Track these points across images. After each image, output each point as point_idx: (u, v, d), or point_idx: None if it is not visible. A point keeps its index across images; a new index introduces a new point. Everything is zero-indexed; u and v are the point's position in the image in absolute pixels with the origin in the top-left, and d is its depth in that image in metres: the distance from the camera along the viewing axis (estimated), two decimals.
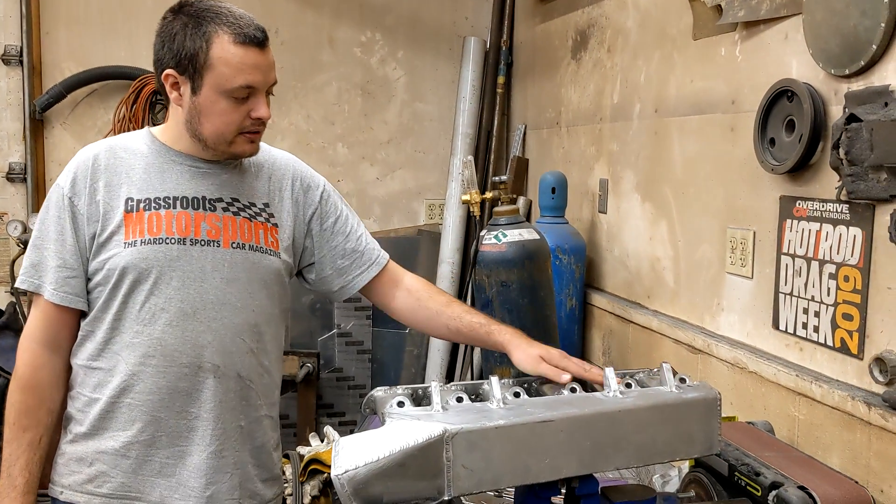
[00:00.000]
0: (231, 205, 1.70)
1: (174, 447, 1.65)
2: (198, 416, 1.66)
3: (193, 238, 1.65)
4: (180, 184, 1.67)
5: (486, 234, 2.87)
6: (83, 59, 3.97)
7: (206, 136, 1.64)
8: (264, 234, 1.72)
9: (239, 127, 1.63)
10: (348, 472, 1.31)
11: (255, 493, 1.74)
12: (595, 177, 3.35)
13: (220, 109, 1.61)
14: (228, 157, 1.69)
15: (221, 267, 1.66)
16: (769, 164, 2.15)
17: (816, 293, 2.02)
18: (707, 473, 1.81)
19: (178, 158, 1.69)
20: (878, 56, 1.81)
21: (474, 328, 1.79)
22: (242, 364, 1.69)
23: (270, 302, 1.74)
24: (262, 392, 1.74)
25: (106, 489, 1.65)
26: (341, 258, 1.84)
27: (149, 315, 1.63)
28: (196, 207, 1.67)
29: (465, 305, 1.89)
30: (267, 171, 1.80)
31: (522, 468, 1.42)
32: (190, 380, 1.64)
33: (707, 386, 1.62)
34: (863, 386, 1.88)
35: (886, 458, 1.78)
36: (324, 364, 4.29)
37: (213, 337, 1.65)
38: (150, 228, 1.63)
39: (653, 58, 2.86)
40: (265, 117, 1.65)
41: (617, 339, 3.11)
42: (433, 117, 4.49)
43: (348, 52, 4.35)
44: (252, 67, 1.60)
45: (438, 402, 1.44)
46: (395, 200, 4.51)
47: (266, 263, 1.72)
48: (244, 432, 1.71)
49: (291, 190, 1.81)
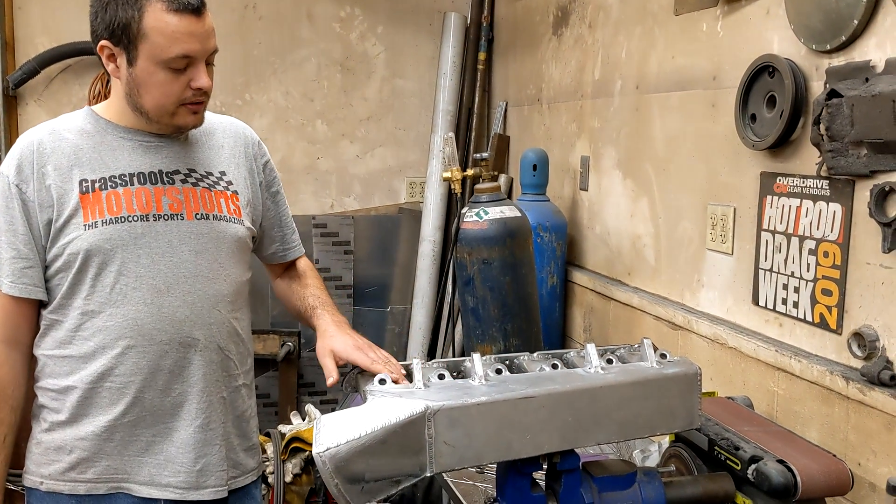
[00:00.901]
0: (189, 176, 1.68)
1: (160, 425, 1.64)
2: (182, 392, 1.65)
3: (156, 213, 1.62)
4: (134, 160, 1.63)
5: (468, 211, 2.86)
6: (57, 34, 3.90)
7: (147, 109, 1.59)
8: (226, 203, 1.71)
9: (179, 98, 1.58)
10: (330, 449, 1.31)
11: (239, 462, 1.75)
12: (576, 154, 3.35)
13: (158, 81, 1.55)
14: (173, 129, 1.65)
15: (188, 239, 1.64)
16: (750, 141, 2.15)
17: (796, 269, 2.03)
18: (687, 448, 1.82)
19: (127, 134, 1.64)
20: (860, 31, 1.81)
21: (306, 308, 1.85)
22: (221, 335, 1.68)
23: (240, 270, 1.74)
24: (239, 361, 1.75)
25: (91, 474, 1.62)
26: (278, 227, 1.89)
27: (120, 296, 1.59)
28: (154, 182, 1.63)
29: (319, 290, 1.90)
30: (218, 140, 1.77)
31: (504, 444, 1.43)
32: (172, 357, 1.63)
33: (687, 361, 1.63)
34: (841, 361, 1.90)
35: (864, 432, 1.80)
36: (305, 343, 4.27)
37: (191, 311, 1.63)
38: (110, 208, 1.59)
39: (634, 33, 2.84)
40: (206, 87, 1.59)
41: (598, 316, 3.12)
42: (413, 94, 4.45)
43: (327, 27, 4.30)
44: (188, 36, 1.53)
45: (420, 379, 1.44)
46: (376, 178, 4.48)
47: (232, 232, 1.70)
48: (226, 403, 1.71)
49: (245, 156, 1.79)
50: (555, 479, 1.57)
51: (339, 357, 1.63)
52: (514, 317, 2.83)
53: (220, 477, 1.69)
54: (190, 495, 1.66)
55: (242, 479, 1.76)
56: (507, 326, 2.82)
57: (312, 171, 4.37)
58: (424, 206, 4.27)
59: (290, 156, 4.31)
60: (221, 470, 1.69)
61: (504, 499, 1.54)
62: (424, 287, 4.22)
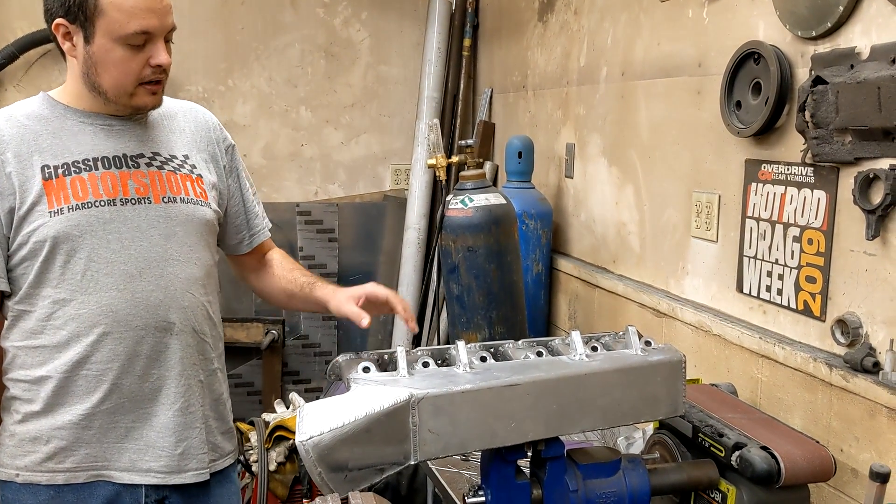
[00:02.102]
0: (153, 159, 1.65)
1: (139, 410, 1.62)
2: (160, 377, 1.63)
3: (123, 198, 1.59)
4: (97, 144, 1.60)
5: (453, 198, 2.85)
6: (36, 18, 3.83)
7: (105, 89, 1.56)
8: (192, 186, 1.69)
9: (138, 76, 1.55)
10: (313, 438, 1.30)
11: (217, 445, 1.74)
12: (562, 141, 3.34)
13: (116, 58, 1.52)
14: (131, 110, 1.62)
15: (157, 223, 1.62)
16: (735, 128, 2.14)
17: (780, 256, 2.03)
18: (671, 435, 1.82)
19: (87, 119, 1.61)
20: (845, 18, 1.80)
21: (303, 287, 1.84)
22: (196, 318, 1.67)
23: (209, 252, 1.72)
24: (213, 344, 1.73)
25: (69, 463, 1.60)
26: (241, 215, 1.85)
27: (92, 282, 1.56)
28: (119, 166, 1.60)
29: (305, 271, 1.92)
30: (179, 123, 1.75)
31: (489, 432, 1.42)
32: (149, 341, 1.61)
33: (672, 348, 1.63)
34: (825, 348, 1.91)
35: (846, 419, 1.81)
36: (289, 331, 4.26)
37: (164, 295, 1.61)
38: (76, 193, 1.56)
39: (620, 20, 2.83)
40: (165, 64, 1.56)
41: (583, 304, 3.12)
42: (398, 80, 4.43)
43: (311, 12, 4.26)
44: (146, 11, 1.51)
45: (404, 367, 1.43)
46: (361, 165, 4.46)
47: (199, 215, 1.68)
48: (204, 386, 1.70)
49: (207, 140, 1.77)
50: (539, 467, 1.57)
51: (358, 296, 1.71)
52: (500, 304, 2.82)
53: (201, 460, 1.68)
54: (172, 479, 1.65)
55: (221, 462, 1.75)
56: (493, 314, 2.82)
57: (297, 157, 4.34)
58: (409, 194, 4.25)
59: (273, 142, 4.28)
60: (202, 453, 1.68)
61: (489, 486, 1.53)
62: (409, 275, 4.21)
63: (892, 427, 1.69)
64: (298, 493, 3.34)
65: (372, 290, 1.74)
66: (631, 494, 1.61)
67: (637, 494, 1.62)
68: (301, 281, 1.85)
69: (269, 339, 4.06)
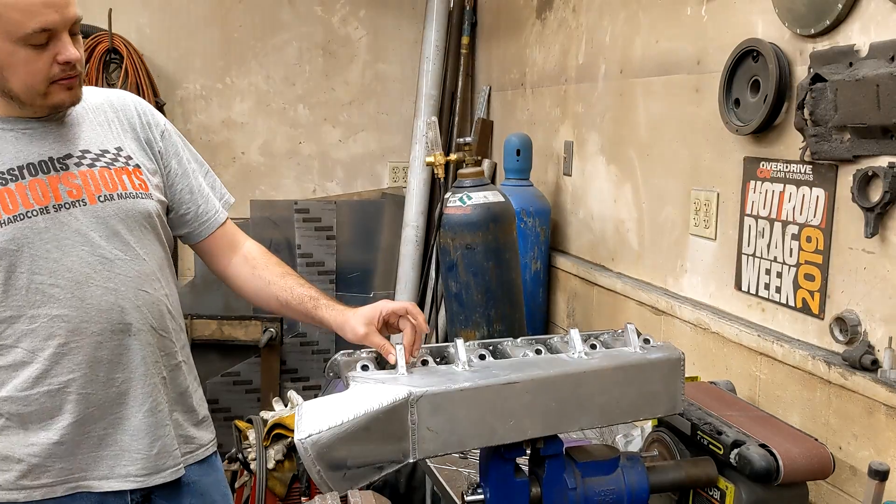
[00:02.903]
0: (83, 158, 1.58)
1: (109, 416, 1.58)
2: (126, 380, 1.58)
3: (56, 203, 1.52)
4: (20, 151, 1.52)
5: (451, 196, 2.85)
6: None
7: (16, 93, 1.47)
8: (129, 179, 1.61)
9: (47, 76, 1.46)
10: (311, 436, 1.30)
11: (191, 437, 1.71)
12: (560, 139, 3.34)
13: (20, 60, 1.43)
14: (49, 110, 1.53)
15: (96, 224, 1.55)
16: (734, 125, 2.14)
17: (779, 254, 2.03)
18: (670, 433, 1.82)
19: (6, 125, 1.52)
20: (844, 15, 1.80)
21: (303, 301, 1.72)
22: (152, 315, 1.61)
23: (157, 245, 1.66)
24: (175, 337, 1.69)
25: (45, 479, 1.55)
26: (186, 204, 1.76)
27: (38, 295, 1.50)
28: (46, 171, 1.52)
29: (301, 279, 1.80)
30: (107, 114, 1.66)
31: (487, 430, 1.42)
32: (107, 346, 1.55)
33: (671, 346, 1.63)
34: (823, 345, 1.91)
35: (845, 416, 1.81)
36: (287, 329, 4.25)
37: (116, 297, 1.55)
38: (5, 207, 1.48)
39: (618, 17, 2.83)
40: (74, 59, 1.47)
41: (581, 302, 3.12)
42: (396, 78, 4.42)
43: (309, 10, 4.26)
44: (43, 7, 1.41)
45: (403, 365, 1.43)
46: (359, 163, 4.45)
47: (140, 208, 1.61)
48: (167, 382, 1.66)
49: (138, 128, 1.69)
50: (538, 465, 1.57)
51: (377, 319, 1.57)
52: (498, 302, 2.82)
53: (175, 456, 1.65)
54: (151, 481, 1.62)
55: (201, 451, 1.73)
56: (491, 312, 2.81)
57: (295, 155, 4.34)
58: (407, 191, 4.25)
59: (271, 140, 4.28)
60: (175, 449, 1.65)
61: (487, 484, 1.53)
62: (408, 272, 4.21)
63: (891, 424, 1.69)
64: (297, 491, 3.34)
65: (388, 310, 1.58)
66: (629, 492, 1.61)
67: (635, 492, 1.62)
68: (299, 293, 1.73)
69: (267, 337, 4.06)
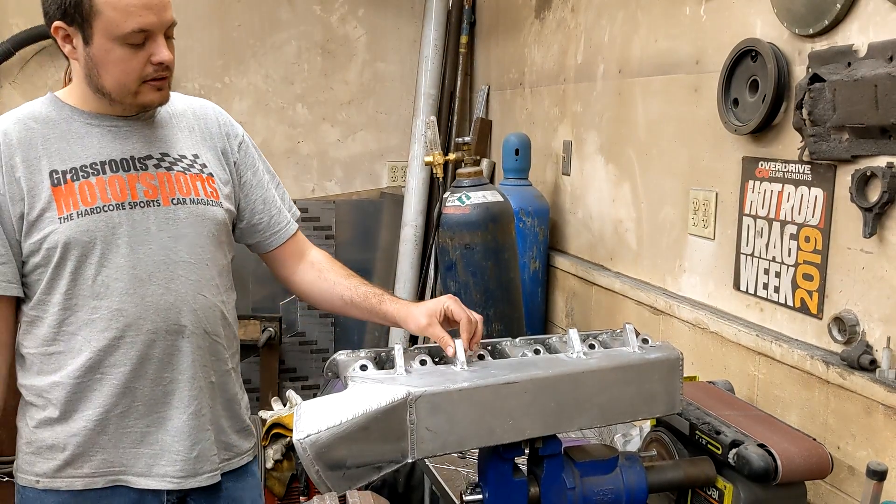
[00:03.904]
0: (162, 160, 1.63)
1: (152, 415, 1.61)
2: (173, 381, 1.62)
3: (132, 201, 1.57)
4: (104, 147, 1.58)
5: (450, 196, 2.85)
6: (32, 15, 3.82)
7: (108, 90, 1.53)
8: (202, 186, 1.66)
9: (140, 75, 1.52)
10: (310, 436, 1.30)
11: (231, 444, 1.73)
12: (559, 138, 3.34)
13: (116, 58, 1.49)
14: (138, 109, 1.59)
15: (166, 225, 1.60)
16: (732, 125, 2.14)
17: (777, 254, 2.04)
18: (668, 432, 1.82)
19: (94, 121, 1.58)
20: (842, 15, 1.80)
21: (367, 297, 1.76)
22: (208, 320, 1.65)
23: (221, 253, 1.70)
24: (227, 344, 1.72)
25: (87, 469, 1.59)
26: (258, 214, 1.80)
27: (103, 288, 1.55)
28: (127, 169, 1.58)
29: (363, 279, 1.84)
30: (188, 122, 1.71)
31: (486, 430, 1.42)
32: (160, 345, 1.59)
33: (669, 346, 1.63)
34: (821, 345, 1.91)
35: (843, 416, 1.81)
36: (286, 328, 4.26)
37: (175, 297, 1.60)
38: (84, 199, 1.54)
39: (617, 17, 2.83)
40: (167, 61, 1.53)
41: (580, 301, 3.12)
42: (395, 77, 4.42)
43: (308, 9, 4.25)
44: (142, 8, 1.47)
45: (401, 365, 1.43)
46: (357, 163, 4.45)
47: (210, 215, 1.66)
48: (215, 387, 1.69)
49: (216, 138, 1.74)
50: (537, 465, 1.57)
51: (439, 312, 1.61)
52: (497, 302, 2.82)
53: (213, 462, 1.68)
54: (187, 483, 1.65)
55: (237, 460, 1.75)
56: (490, 311, 2.81)
57: (293, 154, 4.33)
58: (406, 191, 4.25)
59: (270, 139, 4.27)
60: (214, 454, 1.68)
61: (486, 484, 1.53)
62: (406, 272, 4.21)
63: (889, 424, 1.69)
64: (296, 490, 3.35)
65: (449, 307, 1.62)
66: (628, 492, 1.61)
67: (634, 492, 1.62)
68: (364, 290, 1.78)
69: (266, 337, 4.06)
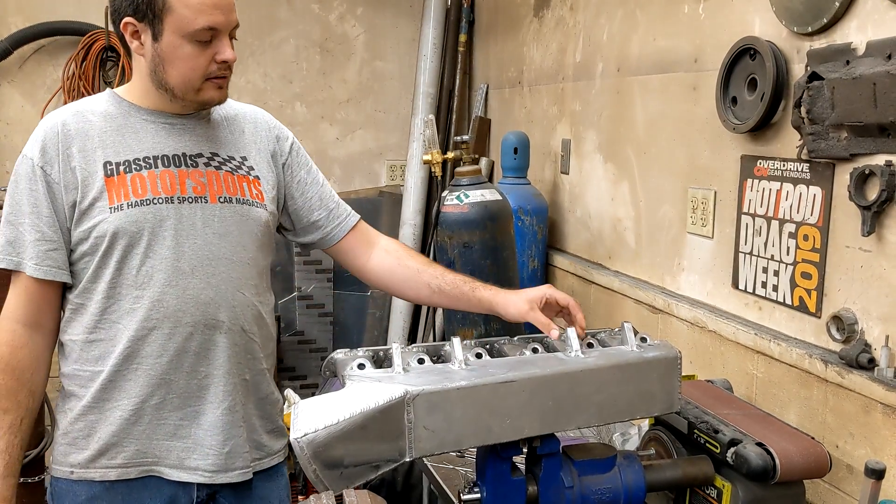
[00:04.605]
0: (212, 159, 1.68)
1: (187, 408, 1.64)
2: (208, 375, 1.65)
3: (181, 196, 1.62)
4: (157, 142, 1.63)
5: (448, 194, 2.84)
6: (30, 13, 3.82)
7: (172, 85, 1.59)
8: (248, 187, 1.71)
9: (205, 72, 1.59)
10: (308, 435, 1.30)
11: (262, 444, 1.75)
12: (557, 137, 3.33)
13: (184, 54, 1.56)
14: (197, 106, 1.65)
15: (212, 222, 1.64)
16: (731, 124, 2.14)
17: (776, 252, 2.03)
18: (667, 431, 1.82)
19: (150, 117, 1.64)
20: (841, 13, 1.80)
21: (458, 285, 1.78)
22: (245, 317, 1.68)
23: (262, 254, 1.73)
24: (263, 344, 1.74)
25: (120, 459, 1.62)
26: (317, 210, 1.84)
27: (146, 278, 1.59)
28: (178, 165, 1.63)
29: (446, 268, 1.87)
30: (239, 125, 1.77)
31: (484, 429, 1.42)
32: (197, 339, 1.62)
33: (668, 345, 1.63)
34: (820, 344, 1.91)
35: (842, 415, 1.81)
36: (285, 327, 4.25)
37: (215, 293, 1.63)
38: (136, 190, 1.59)
39: (616, 15, 2.83)
40: (231, 60, 1.60)
41: (579, 300, 3.09)
42: (393, 76, 4.42)
43: (306, 8, 4.25)
44: (213, 8, 1.55)
45: (399, 363, 1.42)
46: (356, 161, 4.45)
47: (254, 216, 1.70)
48: (249, 385, 1.71)
49: (266, 141, 1.79)
50: (535, 463, 1.56)
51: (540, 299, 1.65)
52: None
53: (245, 459, 1.70)
54: (218, 478, 1.67)
55: (268, 460, 1.77)
56: None
57: None
58: (405, 190, 4.24)
59: None
60: (246, 451, 1.70)
61: (484, 483, 1.53)
62: None
63: (888, 423, 1.69)
64: (294, 489, 3.34)
65: (552, 294, 1.67)
66: (626, 491, 1.61)
67: (632, 491, 1.62)
68: (451, 278, 1.80)
69: None
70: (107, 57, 3.83)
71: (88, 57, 3.77)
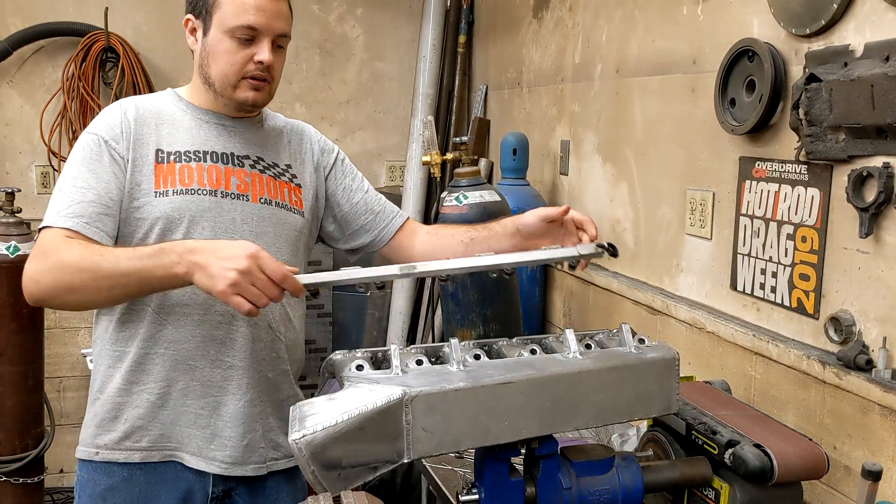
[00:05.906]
0: (257, 162, 1.74)
1: (208, 397, 1.68)
2: (232, 366, 1.68)
3: (224, 191, 1.68)
4: (209, 139, 1.71)
5: (447, 195, 2.85)
6: (29, 14, 3.82)
7: (213, 80, 1.67)
8: (289, 193, 1.77)
9: (242, 70, 1.65)
10: (306, 436, 1.30)
11: (279, 444, 1.77)
12: (556, 138, 3.34)
13: (223, 49, 1.64)
14: (237, 105, 1.70)
15: (250, 220, 1.69)
16: (729, 125, 2.14)
17: (774, 254, 2.04)
18: (665, 432, 1.82)
19: (205, 116, 1.72)
20: (839, 15, 1.80)
21: (480, 230, 1.89)
22: (273, 315, 1.72)
23: (295, 258, 1.77)
24: (289, 346, 1.78)
25: (145, 442, 1.67)
26: (364, 214, 1.93)
27: None
28: (225, 162, 1.70)
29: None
30: (287, 136, 1.86)
31: (482, 430, 1.42)
32: (225, 328, 1.67)
33: (666, 346, 1.63)
34: (818, 345, 1.91)
35: (839, 416, 1.81)
36: None
37: None
38: (182, 179, 1.65)
39: (614, 17, 2.83)
40: (267, 61, 1.65)
41: (577, 301, 3.12)
42: (393, 77, 4.42)
43: (305, 8, 4.25)
44: (256, 9, 1.62)
45: (398, 364, 1.43)
46: (355, 162, 4.32)
47: (291, 221, 1.76)
48: (271, 383, 1.75)
49: (311, 153, 1.87)
50: (533, 465, 1.57)
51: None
52: (494, 301, 2.82)
53: (261, 454, 1.73)
54: (234, 470, 1.70)
55: (284, 462, 1.79)
56: (487, 311, 2.82)
57: None
58: (404, 190, 4.24)
59: None
60: (262, 447, 1.73)
61: (482, 484, 1.53)
62: None
63: (885, 424, 1.69)
64: None
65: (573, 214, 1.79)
66: (624, 492, 1.61)
67: (630, 492, 1.62)
68: (477, 228, 1.91)
69: None
70: (106, 58, 3.82)
71: (88, 58, 3.77)
